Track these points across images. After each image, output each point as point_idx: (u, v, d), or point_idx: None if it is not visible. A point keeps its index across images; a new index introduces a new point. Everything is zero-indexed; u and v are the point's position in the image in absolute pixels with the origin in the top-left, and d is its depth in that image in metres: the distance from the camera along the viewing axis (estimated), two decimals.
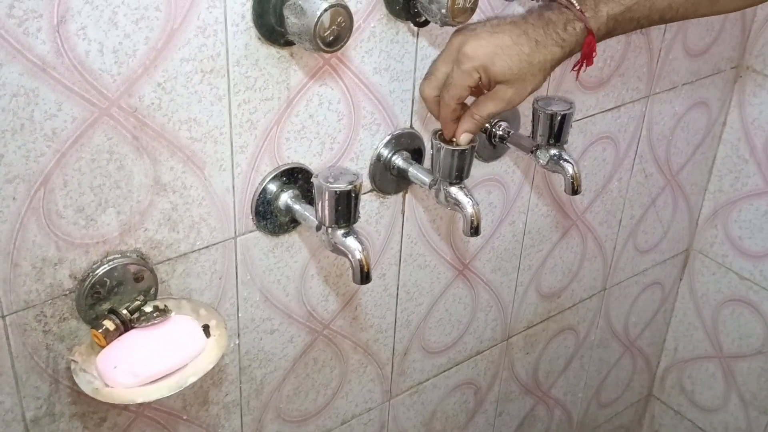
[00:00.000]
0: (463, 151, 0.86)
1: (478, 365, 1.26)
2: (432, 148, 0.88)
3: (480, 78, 0.81)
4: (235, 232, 0.85)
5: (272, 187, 0.85)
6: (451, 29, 0.85)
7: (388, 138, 0.92)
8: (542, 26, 0.81)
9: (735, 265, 1.48)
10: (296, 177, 0.86)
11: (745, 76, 1.36)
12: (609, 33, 0.83)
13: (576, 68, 0.86)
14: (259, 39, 0.76)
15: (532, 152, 0.97)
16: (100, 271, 0.76)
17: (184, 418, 0.92)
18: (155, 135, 0.74)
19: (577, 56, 0.84)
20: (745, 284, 1.48)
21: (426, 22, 0.86)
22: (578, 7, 0.81)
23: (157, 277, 0.81)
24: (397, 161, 0.93)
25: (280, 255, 0.90)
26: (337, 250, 0.81)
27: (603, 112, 1.17)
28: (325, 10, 0.71)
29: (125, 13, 0.67)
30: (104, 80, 0.69)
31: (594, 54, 0.83)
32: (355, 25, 0.77)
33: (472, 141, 0.87)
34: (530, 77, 0.81)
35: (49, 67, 0.66)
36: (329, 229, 0.80)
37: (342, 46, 0.74)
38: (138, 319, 0.78)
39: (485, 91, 0.83)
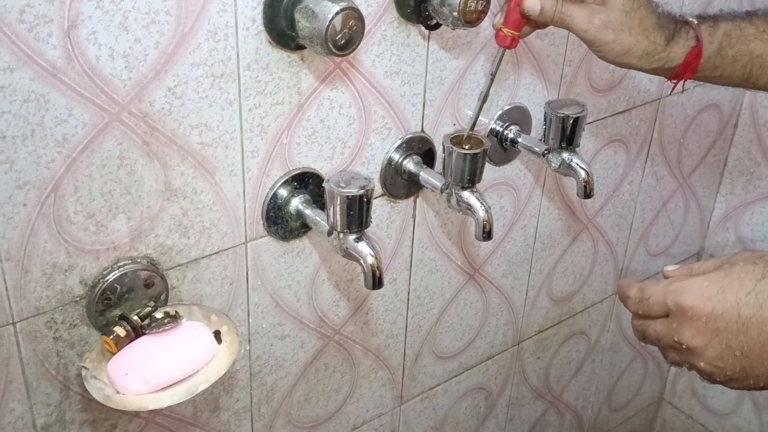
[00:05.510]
0: (475, 154, 0.85)
1: (489, 370, 1.25)
2: (444, 151, 0.88)
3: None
4: (246, 238, 0.84)
5: (283, 192, 0.84)
6: (462, 31, 0.84)
7: (399, 142, 0.91)
8: (655, 18, 0.81)
9: None
10: (307, 182, 0.85)
11: None
12: (713, 55, 0.83)
13: (675, 78, 0.84)
14: (270, 43, 0.76)
15: (543, 156, 0.96)
16: (111, 277, 0.76)
17: (197, 428, 0.91)
18: (166, 140, 0.74)
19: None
20: None
21: (437, 25, 0.86)
22: (695, 22, 0.83)
23: (167, 283, 0.80)
24: (408, 165, 0.92)
25: (290, 260, 0.90)
26: (349, 255, 0.80)
27: (614, 114, 1.16)
28: (337, 14, 0.70)
29: (136, 17, 0.67)
30: (114, 85, 0.69)
31: (698, 63, 0.83)
32: (366, 29, 0.76)
33: (482, 144, 0.86)
34: (624, 29, 0.79)
35: (60, 73, 0.66)
36: (341, 234, 0.79)
37: (353, 50, 0.74)
38: (149, 325, 0.78)
39: None
